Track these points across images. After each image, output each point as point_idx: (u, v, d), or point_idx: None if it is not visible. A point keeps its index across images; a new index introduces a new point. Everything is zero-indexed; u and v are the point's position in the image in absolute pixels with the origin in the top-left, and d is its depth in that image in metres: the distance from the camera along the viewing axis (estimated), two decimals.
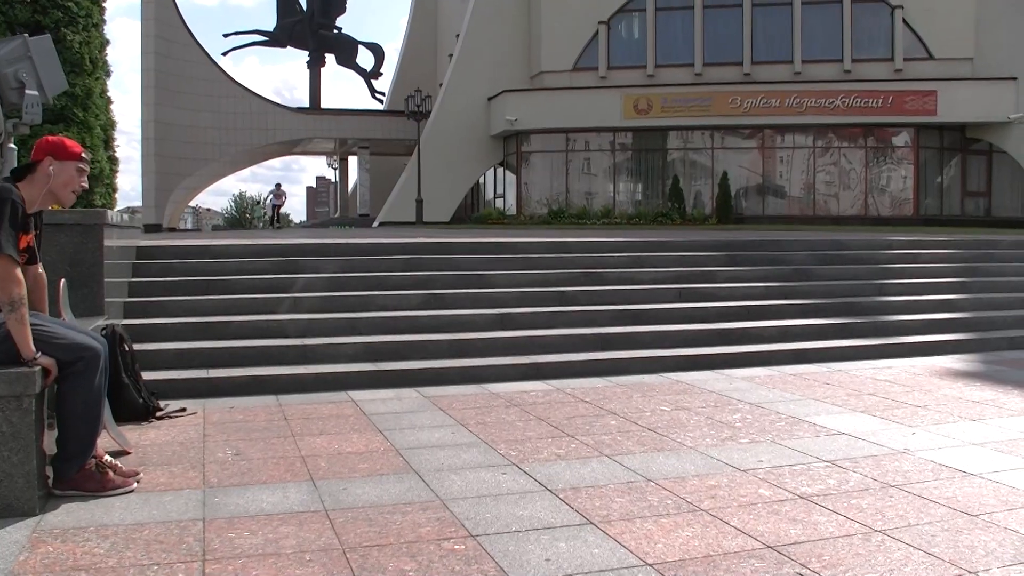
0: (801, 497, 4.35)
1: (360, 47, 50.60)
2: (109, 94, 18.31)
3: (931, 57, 31.59)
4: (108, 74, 17.99)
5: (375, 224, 34.04)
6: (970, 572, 3.40)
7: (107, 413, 4.80)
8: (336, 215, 53.96)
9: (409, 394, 7.07)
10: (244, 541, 3.71)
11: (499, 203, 35.58)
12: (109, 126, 18.03)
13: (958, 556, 3.56)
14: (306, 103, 50.00)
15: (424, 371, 7.59)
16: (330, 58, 50.48)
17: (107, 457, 4.52)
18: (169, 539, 3.73)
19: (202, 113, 41.01)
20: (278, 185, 38.05)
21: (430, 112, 34.28)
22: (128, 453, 5.11)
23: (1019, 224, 28.06)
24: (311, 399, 6.84)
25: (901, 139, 31.97)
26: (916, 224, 29.12)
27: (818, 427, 5.92)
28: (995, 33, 30.55)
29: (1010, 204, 31.50)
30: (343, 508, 4.16)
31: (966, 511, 4.13)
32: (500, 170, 35.72)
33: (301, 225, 70.87)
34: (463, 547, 3.66)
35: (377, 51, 51.20)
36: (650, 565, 3.47)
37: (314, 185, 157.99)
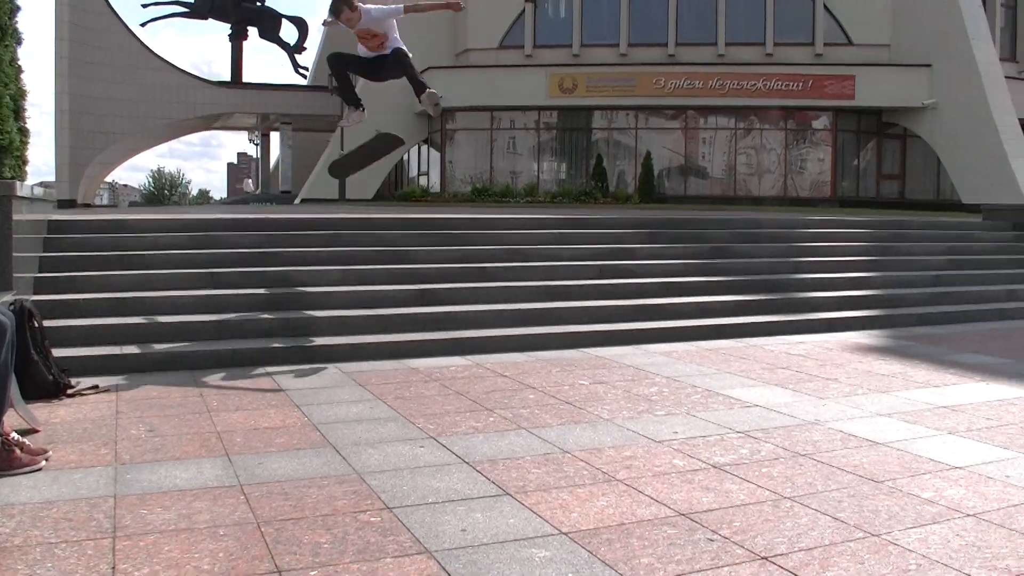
0: (714, 467, 4.44)
1: (284, 21, 49.68)
2: (20, 63, 17.65)
3: (850, 43, 32.17)
4: (19, 42, 17.33)
5: (297, 201, 33.58)
6: (873, 534, 3.51)
7: (14, 390, 4.68)
8: (258, 191, 53.13)
9: (328, 369, 7.02)
10: (156, 517, 3.66)
11: (423, 181, 35.34)
12: (20, 96, 17.37)
13: (863, 520, 3.68)
14: (225, 77, 48.97)
15: (343, 346, 7.54)
16: (252, 32, 49.42)
17: (14, 435, 4.41)
18: (78, 517, 3.66)
19: (119, 85, 39.76)
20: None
21: None
22: (37, 431, 4.99)
23: (931, 206, 28.83)
24: (228, 375, 6.75)
25: (820, 122, 32.54)
26: (833, 205, 29.77)
27: (732, 399, 6.04)
28: (911, 21, 31.25)
29: (923, 187, 32.29)
30: (258, 483, 4.12)
31: (872, 478, 4.26)
32: (424, 148, 35.48)
33: (221, 202, 69.66)
34: (379, 519, 3.66)
35: (301, 25, 50.23)
36: (564, 534, 3.51)
37: (235, 161, 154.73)
